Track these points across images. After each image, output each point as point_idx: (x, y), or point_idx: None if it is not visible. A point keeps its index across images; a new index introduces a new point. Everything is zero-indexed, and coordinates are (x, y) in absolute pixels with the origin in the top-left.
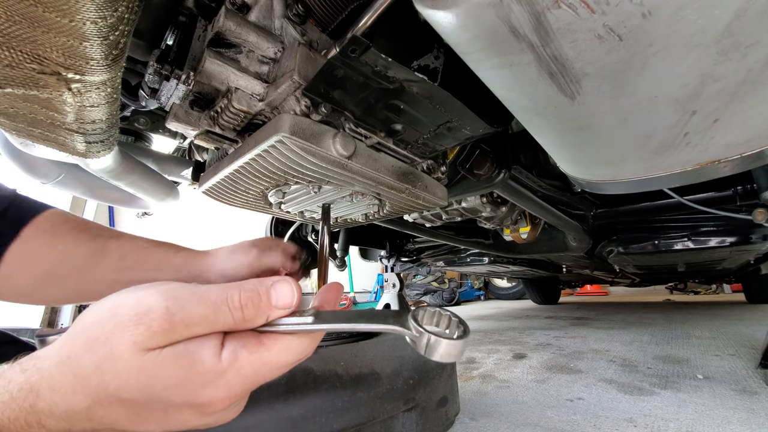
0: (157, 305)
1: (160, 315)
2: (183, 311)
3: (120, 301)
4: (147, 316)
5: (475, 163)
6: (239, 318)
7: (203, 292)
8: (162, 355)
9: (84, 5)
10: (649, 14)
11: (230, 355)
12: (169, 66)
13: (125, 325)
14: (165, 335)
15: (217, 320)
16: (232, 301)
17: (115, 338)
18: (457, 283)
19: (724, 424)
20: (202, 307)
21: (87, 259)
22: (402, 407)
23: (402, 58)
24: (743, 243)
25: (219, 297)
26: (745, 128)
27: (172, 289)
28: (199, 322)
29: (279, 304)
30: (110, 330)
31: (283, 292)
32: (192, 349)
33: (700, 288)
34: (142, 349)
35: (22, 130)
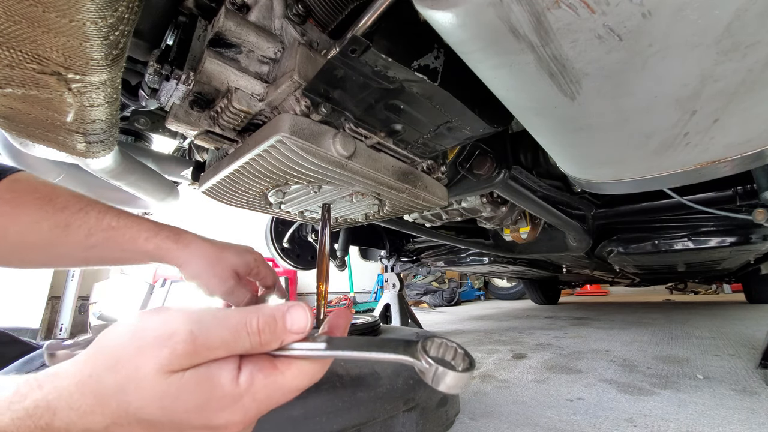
0: (182, 329)
1: (184, 338)
2: (205, 335)
3: (144, 323)
4: (171, 338)
5: (475, 163)
6: (256, 342)
7: (224, 316)
8: (184, 378)
9: (84, 5)
10: (649, 14)
11: (247, 379)
12: (169, 66)
13: (150, 346)
14: (188, 358)
15: (236, 344)
16: (250, 326)
17: (139, 359)
18: (457, 283)
19: (724, 424)
20: (224, 332)
21: (51, 235)
22: (402, 407)
23: (402, 58)
24: (743, 243)
25: (239, 322)
26: (745, 128)
27: (195, 313)
28: (220, 345)
29: (293, 328)
30: (134, 351)
31: (297, 317)
32: (212, 372)
33: (700, 288)
34: (166, 371)
35: (22, 130)
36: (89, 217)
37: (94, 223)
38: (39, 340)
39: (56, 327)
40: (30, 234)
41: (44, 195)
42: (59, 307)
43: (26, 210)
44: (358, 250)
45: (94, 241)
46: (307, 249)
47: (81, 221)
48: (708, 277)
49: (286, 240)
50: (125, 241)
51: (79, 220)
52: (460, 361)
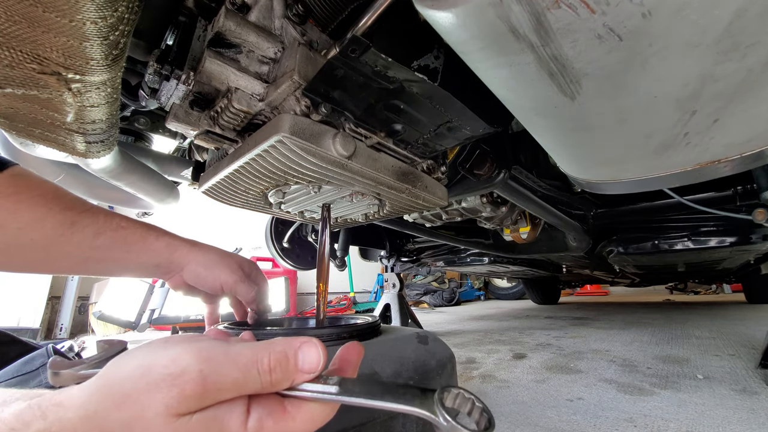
0: (192, 367)
1: (194, 378)
2: (215, 374)
3: (153, 359)
4: (181, 377)
5: (475, 163)
6: (267, 382)
7: (235, 354)
8: (192, 422)
9: (84, 5)
10: (649, 14)
11: (256, 424)
12: (169, 66)
13: (158, 385)
14: (197, 399)
15: (246, 384)
16: (261, 364)
17: (146, 399)
18: (457, 283)
19: (724, 424)
20: (234, 371)
21: (55, 233)
22: None
23: (402, 58)
24: (743, 243)
25: (250, 360)
26: (745, 128)
27: (206, 349)
28: (230, 386)
29: (305, 368)
30: (142, 389)
31: (309, 356)
32: (220, 416)
33: (700, 288)
34: (173, 414)
35: (22, 130)
36: (97, 218)
37: (103, 223)
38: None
39: (56, 327)
40: (32, 231)
41: (49, 192)
42: (59, 307)
43: (30, 206)
44: (358, 250)
45: (102, 241)
46: (307, 249)
47: (89, 220)
48: (708, 277)
49: (286, 240)
50: (135, 240)
51: (86, 219)
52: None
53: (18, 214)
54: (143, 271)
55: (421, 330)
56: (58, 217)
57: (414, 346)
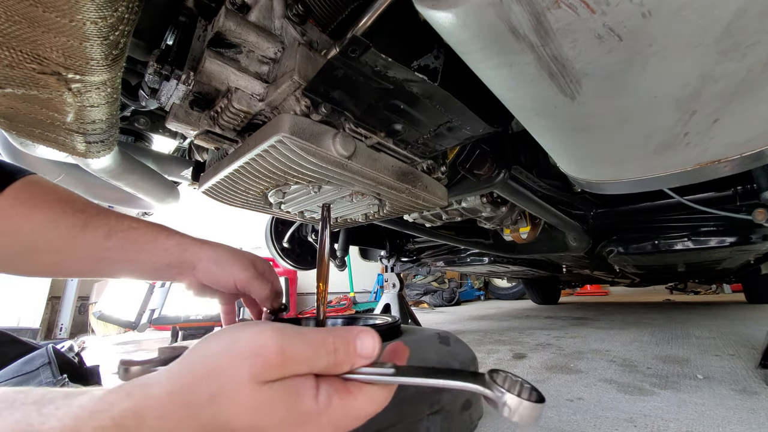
0: (273, 341)
1: (276, 350)
2: (293, 348)
3: (235, 336)
4: (264, 349)
5: (475, 163)
6: (332, 362)
7: (305, 333)
8: (273, 389)
9: (84, 5)
10: (649, 14)
11: (325, 398)
12: (169, 66)
13: (243, 356)
14: (278, 369)
15: (316, 361)
16: (327, 345)
17: (232, 369)
18: (457, 283)
19: (724, 424)
20: (307, 348)
21: (68, 234)
22: (426, 410)
23: (402, 58)
24: (743, 243)
25: (317, 339)
26: (745, 128)
27: (282, 328)
28: (303, 360)
29: (363, 353)
30: (227, 362)
31: (367, 342)
32: (296, 387)
33: (700, 288)
34: (258, 381)
35: (22, 130)
36: (109, 219)
37: (114, 224)
38: (39, 340)
39: (56, 327)
40: (46, 233)
41: (62, 196)
42: (59, 307)
43: (43, 209)
44: (358, 250)
45: (113, 242)
46: (307, 249)
47: (100, 222)
48: (708, 277)
49: (286, 240)
50: (146, 240)
51: (98, 221)
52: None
53: (32, 217)
54: (156, 272)
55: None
56: (70, 219)
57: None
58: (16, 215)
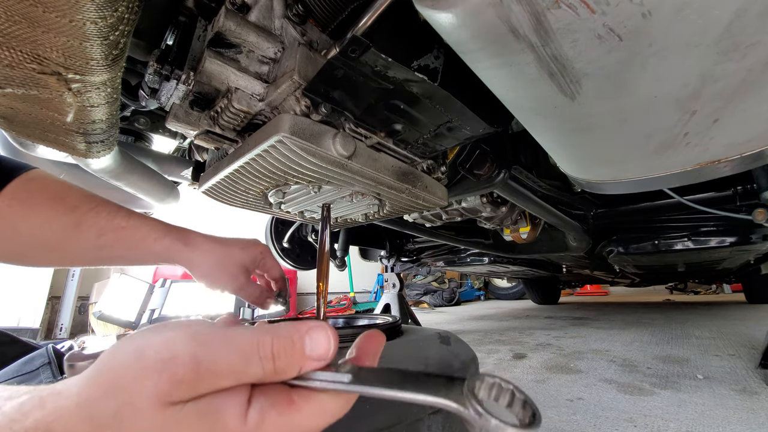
0: (184, 351)
1: (186, 362)
2: (210, 359)
3: (146, 342)
4: (172, 362)
5: (475, 163)
6: (270, 369)
7: (233, 338)
8: (184, 412)
9: (84, 5)
10: (649, 14)
11: (257, 416)
12: (169, 66)
13: (149, 370)
14: (190, 386)
15: (245, 371)
16: (263, 349)
17: (136, 385)
18: (457, 283)
19: (724, 424)
20: (232, 356)
21: (63, 234)
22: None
23: (402, 58)
24: (743, 243)
25: (250, 344)
26: (745, 128)
27: (202, 333)
28: (227, 372)
29: (313, 354)
30: (132, 375)
31: (318, 341)
32: (216, 406)
33: (700, 288)
34: (164, 403)
35: (22, 130)
36: (100, 217)
37: (104, 223)
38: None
39: (56, 327)
40: (41, 233)
41: (56, 194)
42: (59, 307)
43: (38, 209)
44: (358, 250)
45: (105, 240)
46: (307, 249)
47: (92, 221)
48: (708, 277)
49: (286, 240)
50: (135, 242)
51: (90, 219)
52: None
53: (29, 218)
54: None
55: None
56: (63, 219)
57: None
58: (13, 215)
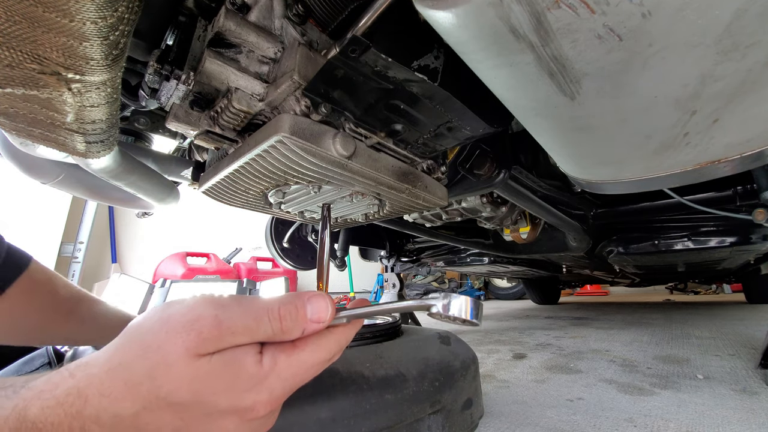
0: (207, 313)
1: (210, 322)
2: (230, 319)
3: (171, 310)
4: (198, 322)
5: (475, 163)
6: (277, 329)
7: (247, 302)
8: (212, 362)
9: (84, 5)
10: (649, 14)
11: (270, 360)
12: (169, 66)
13: (177, 331)
14: (214, 341)
15: (258, 330)
16: (272, 312)
17: (168, 345)
18: (457, 283)
19: (724, 424)
20: (247, 317)
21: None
22: (428, 410)
23: (402, 58)
24: (743, 243)
25: (261, 308)
26: (745, 128)
27: (220, 299)
28: (243, 331)
29: (314, 317)
30: (163, 337)
31: (318, 306)
32: (236, 356)
33: (700, 288)
34: (193, 355)
35: (22, 130)
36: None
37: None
38: None
39: None
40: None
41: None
42: None
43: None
44: (358, 250)
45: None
46: (307, 249)
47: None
48: (708, 277)
49: (286, 240)
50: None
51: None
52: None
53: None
54: None
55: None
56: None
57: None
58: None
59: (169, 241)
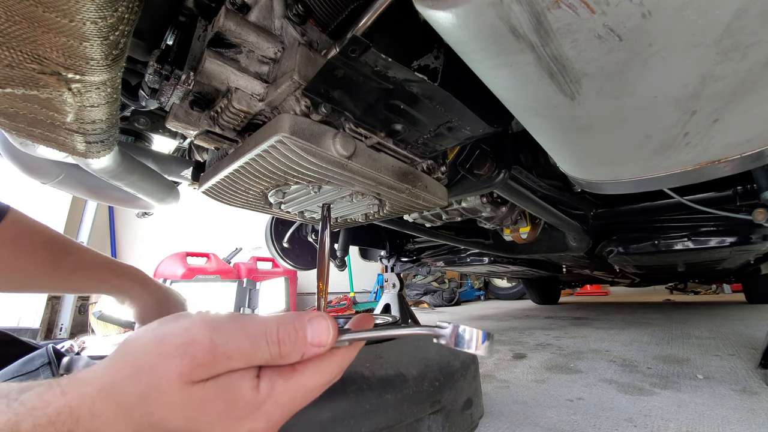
0: (203, 337)
1: (205, 347)
2: (226, 344)
3: (166, 330)
4: (192, 347)
5: (475, 163)
6: (276, 353)
7: (245, 324)
8: (206, 389)
9: (84, 5)
10: (649, 14)
11: (267, 386)
12: (169, 66)
13: (171, 354)
14: (208, 367)
15: (255, 355)
16: (270, 336)
17: (160, 368)
18: (457, 283)
19: (724, 425)
20: (244, 341)
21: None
22: (428, 410)
23: (402, 58)
24: (743, 243)
25: (259, 330)
26: (745, 128)
27: (217, 320)
28: (239, 356)
29: (315, 341)
30: (155, 360)
31: (319, 329)
32: (232, 383)
33: (700, 288)
34: (187, 382)
35: (22, 130)
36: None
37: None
38: (39, 340)
39: (56, 327)
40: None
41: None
42: (59, 307)
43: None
44: (358, 250)
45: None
46: (307, 249)
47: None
48: (708, 277)
49: (286, 240)
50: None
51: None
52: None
53: (19, 259)
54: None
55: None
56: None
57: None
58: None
59: (169, 241)
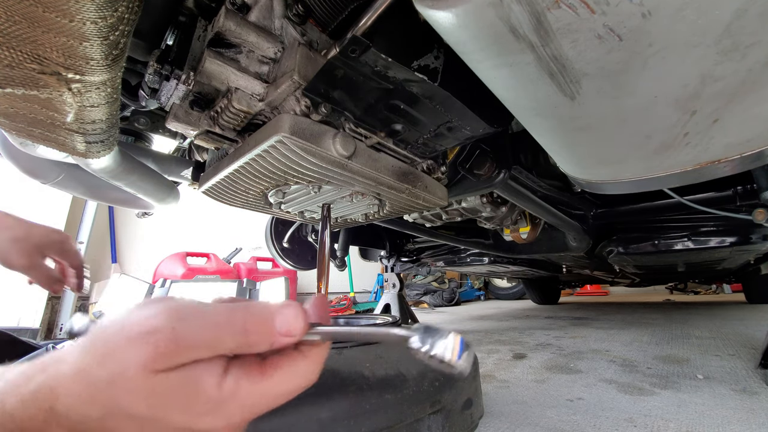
0: (164, 325)
1: (167, 336)
2: (189, 332)
3: (134, 316)
4: (154, 335)
5: (475, 163)
6: (242, 343)
7: (210, 314)
8: (169, 379)
9: (84, 5)
10: (649, 14)
11: (232, 384)
12: (169, 66)
13: (134, 342)
14: (171, 356)
15: (220, 344)
16: (234, 324)
17: (125, 355)
18: (457, 283)
19: (724, 425)
20: (207, 331)
21: None
22: (428, 410)
23: (402, 58)
24: (743, 243)
25: (224, 320)
26: (744, 128)
27: (181, 308)
28: (203, 346)
29: (283, 331)
30: (120, 346)
31: (287, 318)
32: (196, 375)
33: (700, 288)
34: (149, 371)
35: (22, 130)
36: None
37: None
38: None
39: (56, 327)
40: None
41: None
42: (59, 307)
43: None
44: (358, 250)
45: None
46: (307, 249)
47: None
48: (708, 277)
49: (286, 240)
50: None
51: None
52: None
53: None
54: None
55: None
56: None
57: None
58: None
59: (169, 241)
